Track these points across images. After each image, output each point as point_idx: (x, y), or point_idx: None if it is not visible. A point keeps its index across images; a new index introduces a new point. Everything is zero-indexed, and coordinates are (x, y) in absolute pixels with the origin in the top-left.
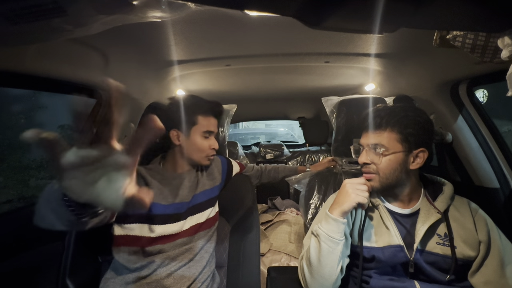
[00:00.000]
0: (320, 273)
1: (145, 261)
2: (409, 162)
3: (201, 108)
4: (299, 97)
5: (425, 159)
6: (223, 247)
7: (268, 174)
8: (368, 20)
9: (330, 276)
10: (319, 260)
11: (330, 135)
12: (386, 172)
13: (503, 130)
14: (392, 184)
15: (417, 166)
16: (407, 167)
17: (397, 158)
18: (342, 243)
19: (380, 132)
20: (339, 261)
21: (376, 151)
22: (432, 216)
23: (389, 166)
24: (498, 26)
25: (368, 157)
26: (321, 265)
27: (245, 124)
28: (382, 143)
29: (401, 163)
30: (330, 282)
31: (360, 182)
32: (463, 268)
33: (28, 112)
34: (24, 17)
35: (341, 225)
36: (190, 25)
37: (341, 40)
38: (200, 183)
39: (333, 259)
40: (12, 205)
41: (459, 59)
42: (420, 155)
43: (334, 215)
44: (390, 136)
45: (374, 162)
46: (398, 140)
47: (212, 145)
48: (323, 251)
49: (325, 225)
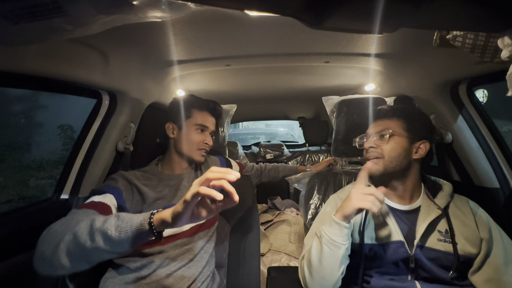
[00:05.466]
0: (321, 274)
1: (145, 261)
2: (412, 151)
3: (196, 103)
4: (299, 97)
5: (427, 151)
6: (223, 247)
7: (268, 173)
8: (368, 20)
9: (331, 278)
10: (320, 262)
11: (330, 135)
12: (391, 155)
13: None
14: (395, 171)
15: (419, 157)
16: (410, 155)
17: (402, 143)
18: (344, 247)
19: (388, 119)
20: (341, 264)
21: (382, 137)
22: (433, 212)
23: (394, 149)
24: (498, 26)
25: (374, 142)
26: (322, 267)
27: (245, 124)
28: (389, 128)
29: (405, 149)
30: (330, 283)
31: (365, 190)
32: (464, 266)
33: (28, 112)
34: (24, 17)
35: (344, 229)
36: (190, 25)
37: (341, 40)
38: None
39: (334, 262)
40: (12, 205)
41: (459, 59)
42: (422, 146)
43: (337, 218)
44: (397, 124)
45: (379, 145)
46: (404, 128)
47: (206, 140)
48: (325, 254)
49: (328, 228)
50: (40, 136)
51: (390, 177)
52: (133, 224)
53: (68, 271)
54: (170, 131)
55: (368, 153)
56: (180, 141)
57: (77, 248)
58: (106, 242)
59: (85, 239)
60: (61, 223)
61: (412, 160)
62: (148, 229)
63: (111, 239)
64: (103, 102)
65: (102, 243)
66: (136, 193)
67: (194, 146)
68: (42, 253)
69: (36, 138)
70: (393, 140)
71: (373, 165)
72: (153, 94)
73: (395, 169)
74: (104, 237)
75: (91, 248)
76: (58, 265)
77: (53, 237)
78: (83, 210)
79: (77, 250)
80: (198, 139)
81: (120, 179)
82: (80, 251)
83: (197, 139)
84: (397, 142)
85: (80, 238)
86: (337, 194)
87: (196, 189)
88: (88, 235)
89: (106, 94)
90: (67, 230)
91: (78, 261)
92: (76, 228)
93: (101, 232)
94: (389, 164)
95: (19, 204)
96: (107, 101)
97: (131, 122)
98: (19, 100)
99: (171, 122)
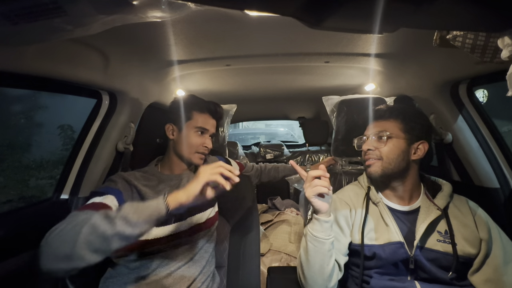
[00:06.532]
0: (311, 271)
1: (145, 261)
2: (411, 152)
3: (197, 105)
4: (299, 97)
5: (425, 151)
6: (223, 247)
7: (268, 173)
8: (368, 20)
9: (321, 274)
10: (308, 259)
11: (330, 135)
12: (389, 156)
13: (503, 130)
14: (394, 172)
15: (418, 157)
16: (409, 157)
17: (400, 145)
18: (328, 242)
19: (385, 121)
20: (329, 260)
21: (380, 138)
22: (432, 213)
23: (392, 151)
24: (498, 26)
25: (372, 144)
26: (310, 264)
27: (245, 124)
28: (386, 129)
29: (403, 150)
30: (322, 279)
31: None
32: (463, 266)
33: (28, 112)
34: (24, 17)
35: (324, 223)
36: (190, 25)
37: (341, 40)
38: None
39: (321, 258)
40: (12, 205)
41: (459, 59)
42: (421, 147)
43: (315, 214)
44: (394, 125)
45: (377, 147)
46: (402, 129)
47: (205, 143)
48: (310, 251)
49: (311, 225)
50: (40, 136)
51: (389, 178)
52: (150, 206)
53: (87, 263)
54: (170, 132)
55: (367, 155)
56: (179, 143)
57: (97, 238)
58: (127, 226)
59: (105, 227)
60: (68, 222)
61: (411, 161)
62: (164, 209)
63: (131, 222)
64: (103, 102)
65: (123, 227)
66: (135, 193)
67: (193, 149)
68: (55, 251)
69: (36, 138)
70: (391, 141)
71: (372, 167)
72: (153, 94)
73: (394, 170)
74: (124, 221)
75: (112, 234)
76: (78, 258)
77: (67, 234)
78: (85, 211)
79: (98, 240)
80: (198, 142)
81: (120, 180)
82: (101, 241)
83: (196, 142)
84: (395, 144)
85: (100, 228)
86: (336, 194)
87: (215, 177)
88: (108, 224)
89: (106, 94)
90: (79, 226)
91: (97, 252)
92: (92, 221)
93: (121, 217)
94: (387, 166)
95: (19, 204)
96: (107, 101)
97: (131, 122)
98: (19, 100)
99: (171, 123)
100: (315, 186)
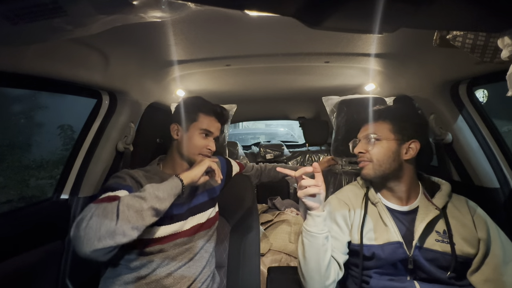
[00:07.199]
0: (307, 268)
1: (145, 261)
2: (402, 152)
3: (204, 107)
4: (299, 97)
5: (418, 150)
6: (223, 247)
7: (268, 173)
8: (368, 20)
9: (317, 270)
10: (304, 255)
11: (330, 135)
12: (379, 158)
13: (503, 130)
14: (386, 173)
15: (410, 157)
16: (400, 157)
17: (390, 146)
18: (322, 237)
19: (375, 123)
20: (324, 255)
21: (369, 141)
22: (431, 212)
23: (381, 153)
24: (498, 26)
25: (362, 147)
26: (306, 260)
27: (245, 124)
28: (375, 132)
29: (394, 151)
30: (319, 275)
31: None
32: (462, 266)
33: (28, 112)
34: (24, 17)
35: (316, 218)
36: (190, 25)
37: (341, 40)
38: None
39: (315, 253)
40: (12, 205)
41: (459, 59)
42: (412, 146)
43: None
44: (382, 126)
45: (367, 150)
46: (391, 130)
47: (209, 146)
48: (306, 246)
49: (306, 221)
50: (40, 136)
51: (383, 179)
52: (169, 183)
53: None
54: (175, 133)
55: (359, 157)
56: (183, 143)
57: (135, 214)
58: (157, 201)
59: (140, 204)
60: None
61: (403, 161)
62: (180, 185)
63: (160, 197)
64: (103, 102)
65: (154, 202)
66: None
67: (196, 150)
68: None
69: (36, 138)
70: (380, 143)
71: (364, 170)
72: (153, 94)
73: (385, 172)
74: (155, 197)
75: (147, 209)
76: (120, 233)
77: (104, 216)
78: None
79: (135, 216)
80: (202, 144)
81: (127, 177)
82: (137, 217)
83: (200, 144)
84: (384, 145)
85: (135, 205)
86: (335, 195)
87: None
88: (142, 200)
89: (106, 94)
90: (113, 206)
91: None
92: (125, 201)
93: (150, 194)
94: (378, 168)
95: (19, 204)
96: (107, 101)
97: (131, 122)
98: (19, 100)
99: (176, 123)
100: (304, 187)
